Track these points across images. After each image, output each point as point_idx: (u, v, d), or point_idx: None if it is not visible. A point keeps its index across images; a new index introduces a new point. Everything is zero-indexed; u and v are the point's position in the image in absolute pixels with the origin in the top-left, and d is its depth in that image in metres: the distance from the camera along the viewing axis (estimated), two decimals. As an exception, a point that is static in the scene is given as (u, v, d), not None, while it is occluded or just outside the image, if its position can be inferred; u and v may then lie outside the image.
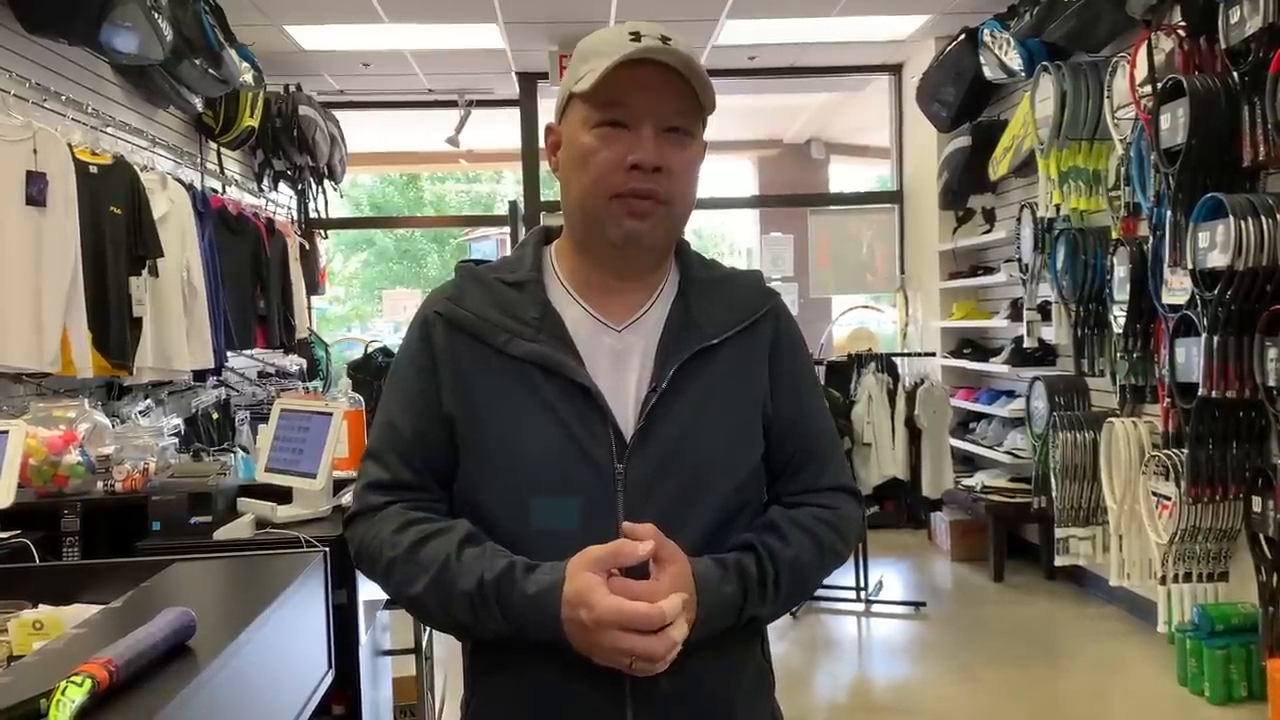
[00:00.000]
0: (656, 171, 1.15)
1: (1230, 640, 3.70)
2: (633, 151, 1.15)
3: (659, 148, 1.16)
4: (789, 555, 1.19)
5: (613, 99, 1.16)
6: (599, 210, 1.18)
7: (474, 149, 8.61)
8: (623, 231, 1.18)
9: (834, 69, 7.09)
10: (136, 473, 2.55)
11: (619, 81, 1.14)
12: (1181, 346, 3.74)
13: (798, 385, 1.29)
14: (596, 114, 1.16)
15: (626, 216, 1.17)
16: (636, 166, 1.15)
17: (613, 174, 1.16)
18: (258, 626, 1.27)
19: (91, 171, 3.74)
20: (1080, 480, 4.63)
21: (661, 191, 1.17)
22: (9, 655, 1.37)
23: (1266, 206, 3.33)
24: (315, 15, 5.51)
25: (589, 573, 1.07)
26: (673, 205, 1.19)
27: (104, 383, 4.21)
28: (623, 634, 1.04)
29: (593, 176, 1.17)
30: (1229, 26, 3.46)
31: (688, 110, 1.18)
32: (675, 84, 1.15)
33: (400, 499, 1.21)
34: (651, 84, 1.15)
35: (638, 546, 1.08)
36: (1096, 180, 4.60)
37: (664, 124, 1.16)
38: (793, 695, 3.97)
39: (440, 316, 1.23)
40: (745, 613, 1.17)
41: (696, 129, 1.20)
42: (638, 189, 1.16)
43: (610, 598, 1.05)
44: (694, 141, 1.20)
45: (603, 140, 1.16)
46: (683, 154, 1.18)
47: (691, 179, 1.21)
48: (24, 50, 3.82)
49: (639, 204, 1.16)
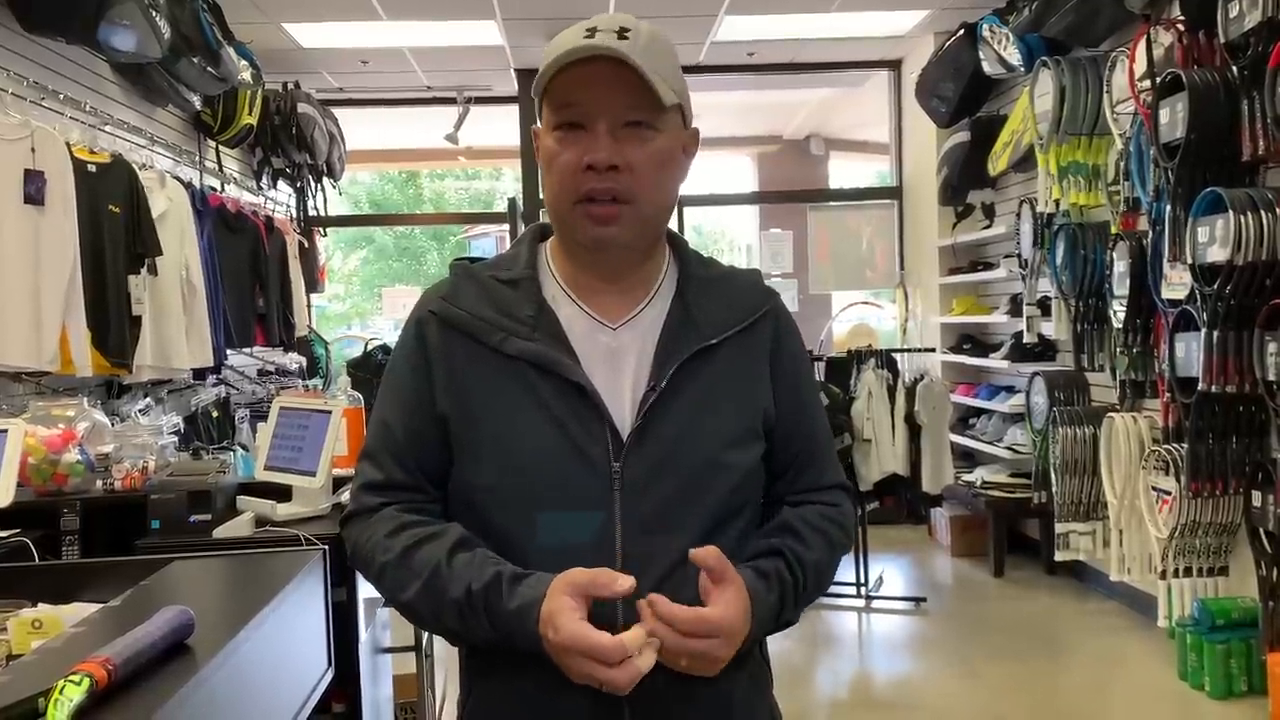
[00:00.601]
0: (614, 170, 1.13)
1: (1230, 635, 3.70)
2: (588, 152, 1.13)
3: (614, 145, 1.13)
4: (812, 558, 1.21)
5: (565, 100, 1.14)
6: (566, 215, 1.17)
7: (473, 146, 8.60)
8: (590, 236, 1.17)
9: (833, 65, 7.08)
10: (136, 471, 2.55)
11: (570, 81, 1.12)
12: (1181, 341, 3.73)
13: (798, 387, 1.29)
14: (554, 116, 1.15)
15: (590, 223, 1.16)
16: (591, 167, 1.13)
17: (572, 176, 1.14)
18: (257, 625, 1.27)
19: (90, 170, 3.74)
20: (1080, 475, 4.63)
21: (621, 190, 1.14)
22: (8, 654, 1.37)
23: (1266, 201, 3.32)
24: (313, 13, 5.51)
25: (564, 596, 1.06)
26: (637, 203, 1.15)
27: (103, 381, 4.21)
28: (585, 660, 1.04)
29: (556, 180, 1.16)
30: (1228, 21, 3.46)
31: (644, 103, 1.13)
32: (627, 78, 1.11)
33: (394, 500, 1.21)
34: (601, 80, 1.12)
35: (615, 581, 1.06)
36: (1096, 175, 4.59)
37: (620, 120, 1.13)
38: (793, 691, 3.97)
39: (435, 315, 1.22)
40: (781, 618, 1.20)
41: (661, 121, 1.16)
42: (594, 190, 1.14)
43: (575, 624, 1.04)
44: (658, 134, 1.16)
45: (561, 143, 1.15)
46: (644, 148, 1.15)
47: (660, 173, 1.17)
48: (22, 49, 3.82)
49: (599, 209, 1.14)
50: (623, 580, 1.06)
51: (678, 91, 1.17)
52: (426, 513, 1.20)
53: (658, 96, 1.12)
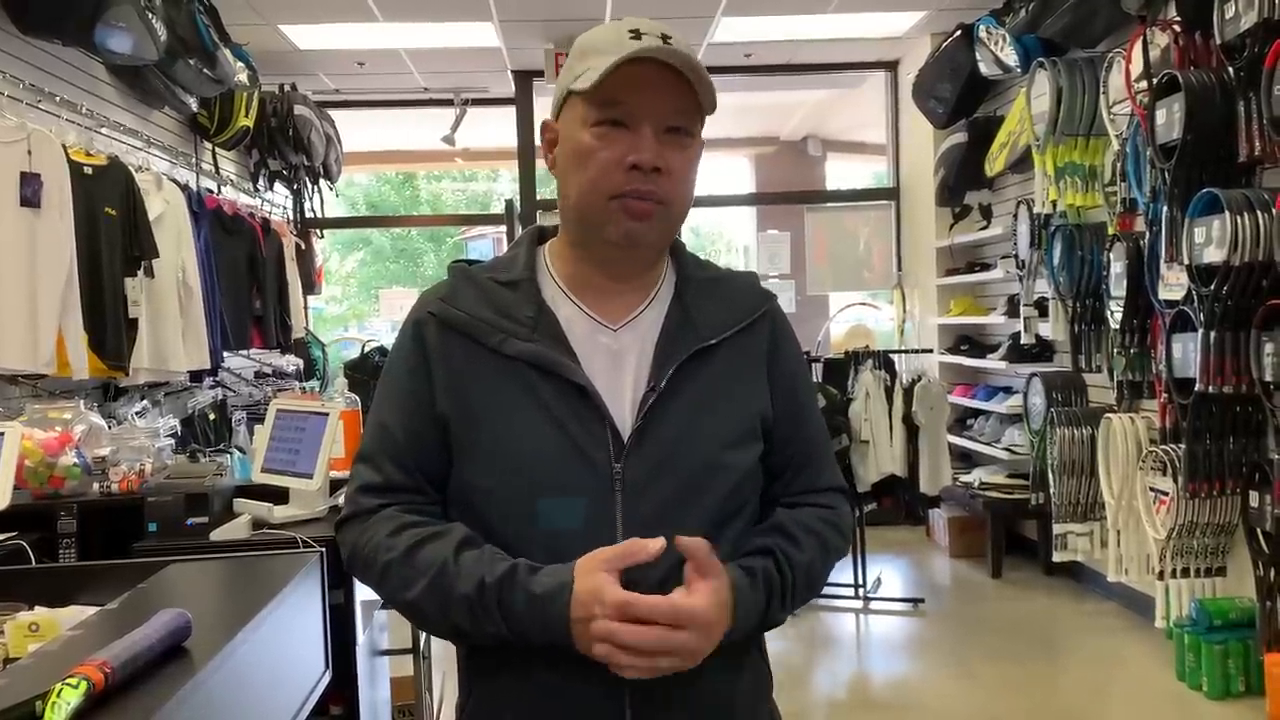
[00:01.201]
0: (656, 172, 1.14)
1: (1228, 635, 3.70)
2: (632, 151, 1.14)
3: (659, 148, 1.14)
4: (804, 560, 1.21)
5: (613, 98, 1.14)
6: (598, 210, 1.17)
7: (470, 147, 8.60)
8: (622, 231, 1.17)
9: (830, 66, 7.09)
10: (133, 474, 2.55)
11: (619, 80, 1.13)
12: (1178, 342, 3.74)
13: (796, 388, 1.30)
14: (596, 112, 1.15)
15: (626, 217, 1.16)
16: (636, 167, 1.14)
17: (612, 174, 1.15)
18: (254, 627, 1.26)
19: (86, 172, 3.73)
20: (1078, 476, 4.64)
21: (660, 192, 1.16)
22: (4, 657, 1.37)
23: (1262, 201, 3.33)
24: (310, 14, 5.51)
25: (601, 572, 1.07)
26: (671, 206, 1.18)
27: (100, 384, 4.20)
28: (638, 629, 1.05)
29: (591, 176, 1.16)
30: (1224, 21, 3.46)
31: (688, 110, 1.16)
32: (676, 83, 1.14)
33: (394, 501, 1.20)
34: (652, 83, 1.13)
35: (647, 544, 1.07)
36: (1093, 176, 4.60)
37: (664, 124, 1.15)
38: (791, 692, 3.97)
39: (433, 317, 1.22)
40: (768, 618, 1.19)
41: (696, 129, 1.19)
42: (638, 189, 1.14)
43: (624, 593, 1.06)
44: (693, 141, 1.19)
45: (602, 140, 1.15)
46: (682, 154, 1.17)
47: (690, 179, 1.20)
48: (18, 51, 3.81)
49: (638, 205, 1.15)
50: (653, 542, 1.07)
51: (713, 101, 1.19)
52: (426, 514, 1.20)
53: (701, 102, 1.16)
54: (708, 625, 1.09)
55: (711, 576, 1.11)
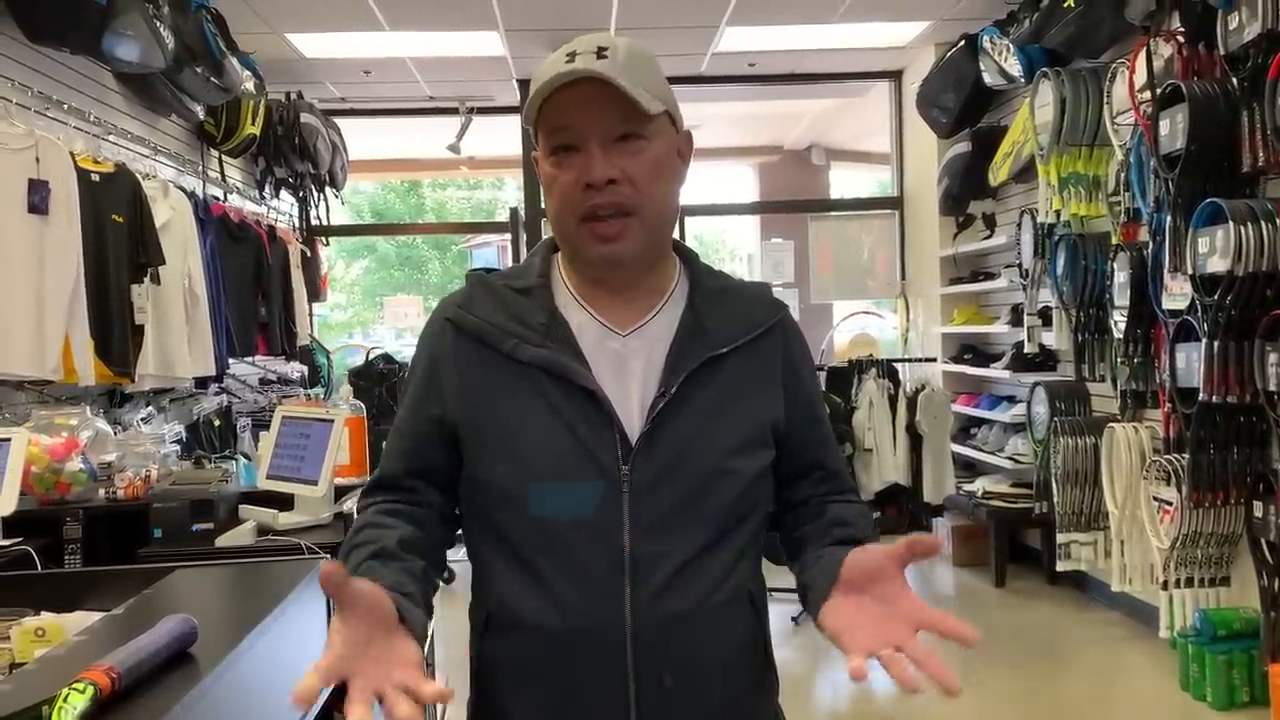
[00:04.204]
0: (613, 183, 1.16)
1: (1232, 645, 3.69)
2: (585, 173, 1.16)
3: (609, 160, 1.16)
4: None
5: (555, 125, 1.17)
6: (571, 233, 1.20)
7: (475, 156, 8.61)
8: (596, 254, 1.19)
9: (834, 75, 7.10)
10: (138, 480, 2.56)
11: (556, 106, 1.15)
12: (1182, 351, 3.74)
13: (812, 399, 1.33)
14: (547, 141, 1.19)
15: (595, 241, 1.18)
16: (590, 185, 1.16)
17: (572, 196, 1.17)
18: (259, 633, 1.27)
19: (93, 180, 3.75)
20: (1081, 485, 4.63)
21: (625, 202, 1.17)
22: (11, 663, 1.37)
23: (1266, 211, 3.33)
24: (316, 23, 5.53)
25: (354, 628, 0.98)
26: (641, 213, 1.18)
27: (106, 390, 4.21)
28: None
29: (558, 202, 1.19)
30: (1228, 32, 3.47)
31: (630, 116, 1.16)
32: (610, 95, 1.14)
33: (384, 498, 1.24)
34: (586, 101, 1.15)
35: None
36: (1096, 186, 4.60)
37: (610, 136, 1.16)
38: (795, 701, 3.96)
39: (449, 323, 1.25)
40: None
41: (650, 129, 1.18)
42: (598, 205, 1.16)
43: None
44: (649, 143, 1.18)
45: (558, 166, 1.18)
46: (638, 158, 1.17)
47: (657, 180, 1.20)
48: (26, 59, 3.83)
49: (604, 226, 1.17)
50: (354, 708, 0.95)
51: (662, 99, 1.19)
52: (413, 506, 1.23)
53: (642, 107, 1.15)
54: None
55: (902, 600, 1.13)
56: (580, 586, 1.14)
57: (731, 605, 1.20)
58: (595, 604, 1.14)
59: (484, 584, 1.22)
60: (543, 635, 1.15)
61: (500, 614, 1.19)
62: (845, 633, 1.10)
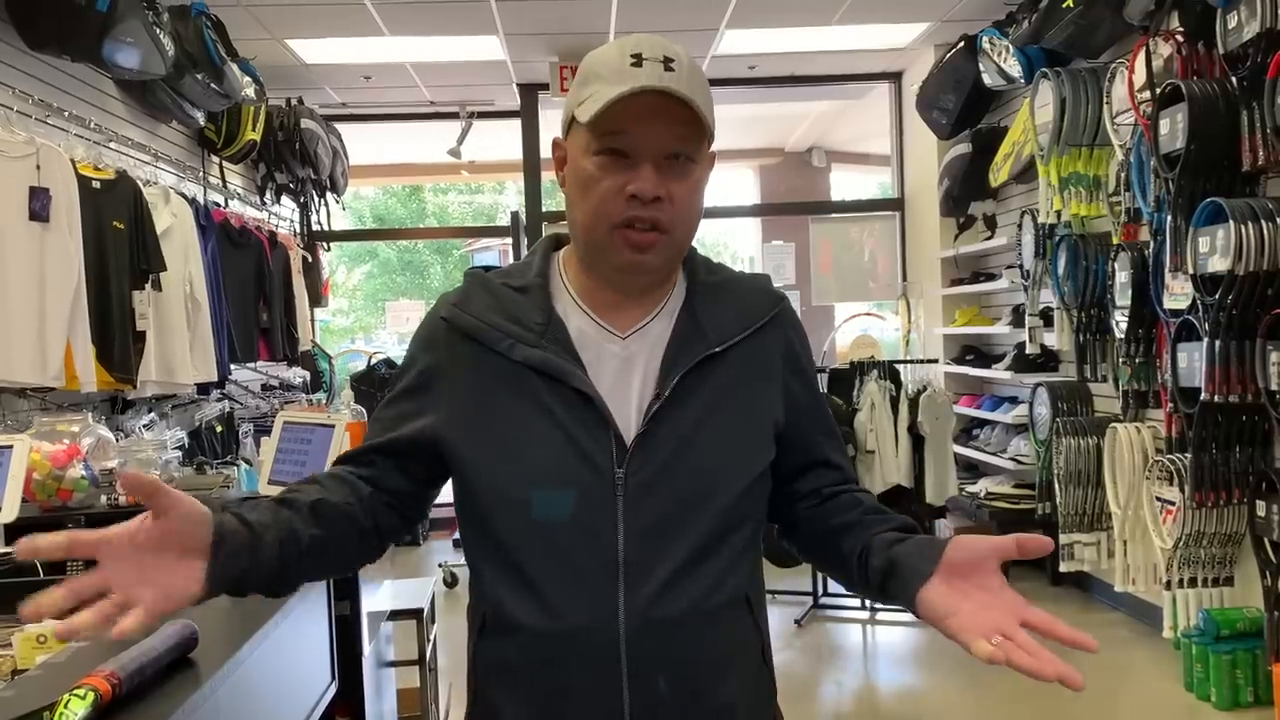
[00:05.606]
0: (656, 201, 1.14)
1: (1236, 645, 3.69)
2: (633, 181, 1.14)
3: (658, 178, 1.14)
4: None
5: (612, 128, 1.14)
6: (601, 237, 1.17)
7: (475, 160, 8.62)
8: (624, 260, 1.18)
9: (834, 77, 7.11)
10: (140, 486, 2.55)
11: (619, 110, 1.12)
12: (1183, 351, 3.74)
13: (815, 391, 1.32)
14: (597, 141, 1.15)
15: (627, 248, 1.16)
16: (636, 196, 1.14)
17: (613, 202, 1.15)
18: (261, 638, 1.27)
19: (94, 187, 3.76)
20: (1084, 486, 4.63)
21: (663, 220, 1.15)
22: (13, 669, 1.37)
23: (1266, 211, 3.33)
24: (316, 29, 5.54)
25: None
26: (674, 232, 1.18)
27: (108, 396, 4.22)
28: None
29: (593, 205, 1.16)
30: (1227, 32, 3.47)
31: (689, 136, 1.15)
32: (676, 111, 1.13)
33: (345, 468, 1.24)
34: (651, 113, 1.12)
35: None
36: (1097, 186, 4.61)
37: (665, 152, 1.15)
38: (798, 704, 3.96)
39: (445, 321, 1.24)
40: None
41: (699, 153, 1.18)
42: (639, 217, 1.15)
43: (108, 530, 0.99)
44: (696, 167, 1.18)
45: (603, 169, 1.15)
46: (684, 182, 1.16)
47: (694, 204, 1.20)
48: (27, 66, 3.84)
49: (639, 236, 1.15)
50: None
51: (713, 120, 1.18)
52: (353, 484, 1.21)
53: (704, 129, 1.15)
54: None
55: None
56: (573, 589, 1.14)
57: (728, 608, 1.19)
58: (589, 607, 1.13)
59: (480, 586, 1.22)
60: (536, 638, 1.15)
61: (495, 617, 1.19)
62: (953, 616, 1.12)
